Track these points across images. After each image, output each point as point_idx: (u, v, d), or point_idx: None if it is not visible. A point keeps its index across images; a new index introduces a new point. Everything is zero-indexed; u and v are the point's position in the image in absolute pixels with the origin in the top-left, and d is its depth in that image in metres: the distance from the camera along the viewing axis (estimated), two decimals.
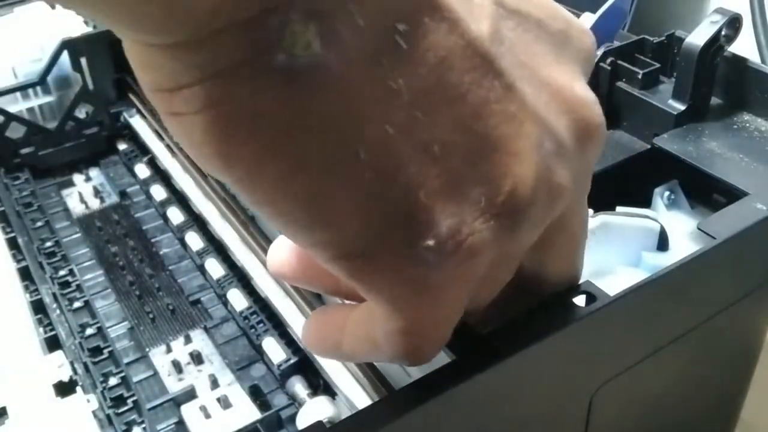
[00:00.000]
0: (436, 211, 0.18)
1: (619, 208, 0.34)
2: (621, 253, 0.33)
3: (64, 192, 0.56)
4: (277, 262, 0.25)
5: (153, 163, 0.55)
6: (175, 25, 0.15)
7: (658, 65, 0.38)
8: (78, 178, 0.57)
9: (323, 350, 0.25)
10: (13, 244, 0.48)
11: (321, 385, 0.37)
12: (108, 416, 0.37)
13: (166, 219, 0.51)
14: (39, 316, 0.42)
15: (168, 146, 0.53)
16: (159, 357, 0.41)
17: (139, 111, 0.58)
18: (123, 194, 0.55)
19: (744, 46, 0.38)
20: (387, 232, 0.18)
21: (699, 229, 0.30)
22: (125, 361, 0.40)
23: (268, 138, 0.16)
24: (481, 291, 0.21)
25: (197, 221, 0.49)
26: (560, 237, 0.22)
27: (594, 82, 0.38)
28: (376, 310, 0.20)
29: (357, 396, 0.33)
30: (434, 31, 0.17)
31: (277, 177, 0.16)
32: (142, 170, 0.56)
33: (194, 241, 0.48)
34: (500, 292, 0.22)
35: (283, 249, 0.25)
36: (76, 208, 0.54)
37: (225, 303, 0.44)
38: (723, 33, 0.35)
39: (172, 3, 0.14)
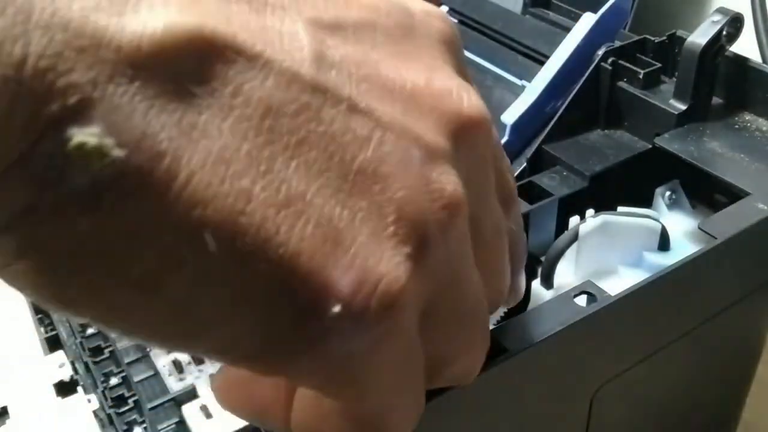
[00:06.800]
0: (325, 271, 0.15)
1: (620, 208, 0.34)
2: (622, 252, 0.33)
3: None
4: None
5: None
6: None
7: (659, 65, 0.38)
8: None
9: (248, 411, 0.19)
10: None
11: None
12: (109, 416, 0.37)
13: None
14: (40, 315, 0.42)
15: None
16: (160, 357, 0.41)
17: None
18: None
19: (745, 45, 0.38)
20: (275, 320, 0.15)
21: (700, 228, 0.30)
22: (126, 360, 0.40)
23: (97, 271, 0.13)
24: (436, 341, 0.18)
25: None
26: (476, 251, 0.18)
27: (595, 82, 0.38)
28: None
29: None
30: (246, 81, 0.14)
31: (129, 304, 0.14)
32: None
33: None
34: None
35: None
36: None
37: None
38: (724, 33, 0.35)
39: None
